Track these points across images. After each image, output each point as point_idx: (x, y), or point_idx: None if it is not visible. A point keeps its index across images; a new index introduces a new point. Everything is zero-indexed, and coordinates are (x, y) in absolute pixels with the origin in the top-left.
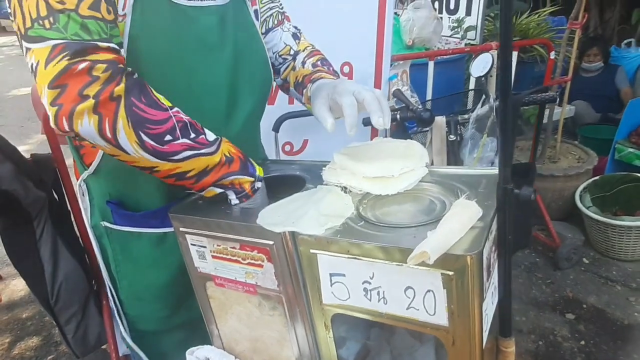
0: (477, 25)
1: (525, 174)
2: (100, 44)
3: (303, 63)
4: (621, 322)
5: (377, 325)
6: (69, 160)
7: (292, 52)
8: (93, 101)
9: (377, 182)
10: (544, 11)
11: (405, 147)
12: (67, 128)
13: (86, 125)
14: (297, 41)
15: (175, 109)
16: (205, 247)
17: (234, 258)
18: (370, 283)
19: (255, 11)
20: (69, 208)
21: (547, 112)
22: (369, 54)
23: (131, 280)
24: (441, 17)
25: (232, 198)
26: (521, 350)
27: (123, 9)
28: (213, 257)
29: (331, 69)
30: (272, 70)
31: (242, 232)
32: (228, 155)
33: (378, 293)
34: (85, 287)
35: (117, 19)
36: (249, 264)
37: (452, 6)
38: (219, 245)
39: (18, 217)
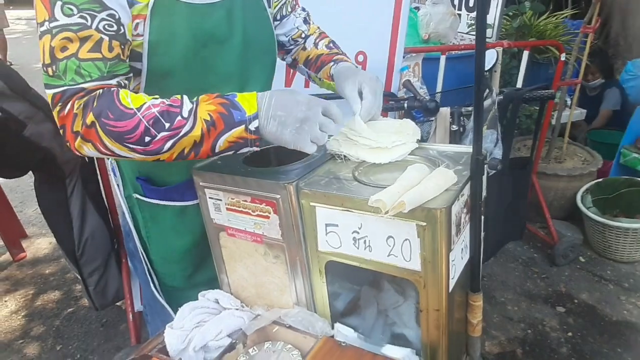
0: (494, 24)
1: (524, 167)
2: (85, 85)
3: (316, 44)
4: (610, 318)
5: (366, 283)
6: None
7: (303, 36)
8: (80, 135)
9: (372, 152)
10: (562, 14)
11: (400, 125)
12: (80, 155)
13: (88, 151)
14: (307, 26)
15: (145, 105)
16: (221, 200)
17: (245, 210)
18: (358, 233)
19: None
20: (98, 171)
21: (555, 113)
22: (383, 45)
23: (159, 244)
24: (459, 14)
25: (249, 150)
26: (510, 336)
27: (136, 30)
28: (227, 209)
29: (341, 49)
30: (277, 51)
31: (253, 187)
32: (208, 119)
33: (365, 242)
34: (108, 245)
35: (125, 50)
36: (257, 215)
37: (471, 3)
38: (233, 199)
39: (53, 173)
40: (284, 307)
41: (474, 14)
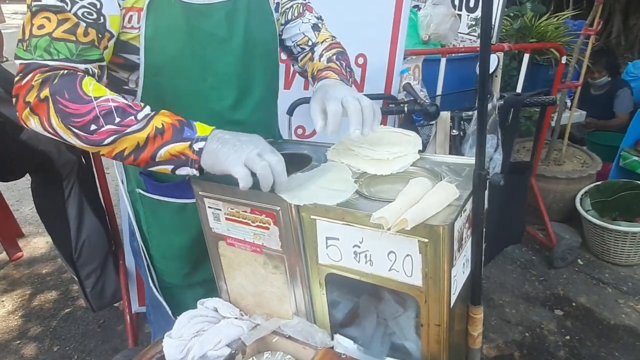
0: (494, 25)
1: (523, 172)
2: (51, 63)
3: (320, 56)
4: (607, 321)
5: (366, 292)
6: None
7: (310, 43)
8: (30, 106)
9: (373, 163)
10: (564, 15)
11: (402, 135)
12: (26, 127)
13: (33, 124)
14: (316, 32)
15: (104, 97)
16: (220, 209)
17: (245, 220)
18: (359, 247)
19: (277, 4)
20: (95, 173)
21: (555, 115)
22: (384, 48)
23: (158, 240)
24: (460, 15)
25: (188, 172)
26: (507, 339)
27: (138, 22)
28: (226, 219)
29: (344, 64)
30: (279, 57)
31: (253, 198)
32: (160, 126)
33: (365, 256)
34: (105, 247)
35: (103, 40)
36: (257, 226)
37: (472, 4)
38: (233, 209)
39: (50, 176)
40: (283, 316)
41: (474, 15)
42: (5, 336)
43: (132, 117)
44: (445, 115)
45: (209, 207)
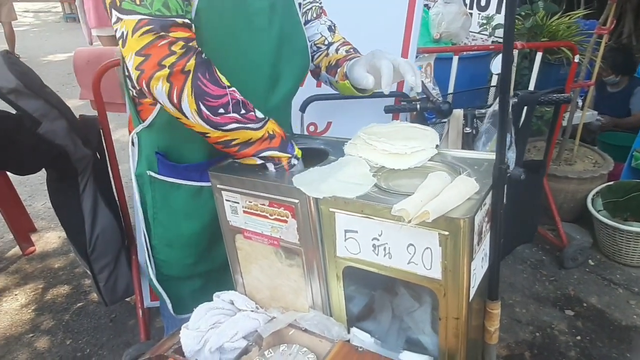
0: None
1: (536, 170)
2: (177, 20)
3: (337, 50)
4: (619, 322)
5: (381, 287)
6: (111, 124)
7: (326, 43)
8: (168, 71)
9: (391, 157)
10: (576, 14)
11: (419, 130)
12: (145, 88)
13: (159, 89)
14: (332, 34)
15: (232, 88)
16: (238, 202)
17: (263, 214)
18: (378, 240)
19: (299, 4)
20: (109, 168)
21: (567, 114)
22: (396, 45)
23: (165, 227)
24: (471, 13)
25: (271, 169)
26: (518, 339)
27: None
28: (244, 212)
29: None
30: (310, 56)
31: (272, 191)
32: (271, 132)
33: (384, 249)
34: (119, 241)
35: None
36: (275, 219)
37: (483, 3)
38: (251, 202)
39: (66, 170)
40: (299, 309)
41: (485, 13)
42: (19, 329)
43: (252, 114)
44: (458, 112)
45: (226, 200)
